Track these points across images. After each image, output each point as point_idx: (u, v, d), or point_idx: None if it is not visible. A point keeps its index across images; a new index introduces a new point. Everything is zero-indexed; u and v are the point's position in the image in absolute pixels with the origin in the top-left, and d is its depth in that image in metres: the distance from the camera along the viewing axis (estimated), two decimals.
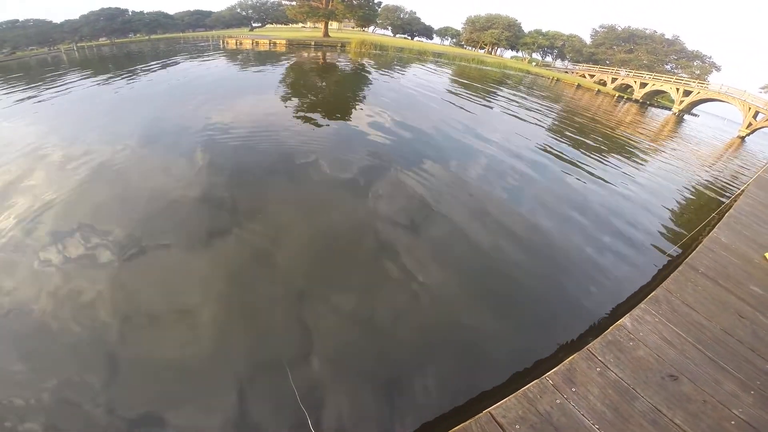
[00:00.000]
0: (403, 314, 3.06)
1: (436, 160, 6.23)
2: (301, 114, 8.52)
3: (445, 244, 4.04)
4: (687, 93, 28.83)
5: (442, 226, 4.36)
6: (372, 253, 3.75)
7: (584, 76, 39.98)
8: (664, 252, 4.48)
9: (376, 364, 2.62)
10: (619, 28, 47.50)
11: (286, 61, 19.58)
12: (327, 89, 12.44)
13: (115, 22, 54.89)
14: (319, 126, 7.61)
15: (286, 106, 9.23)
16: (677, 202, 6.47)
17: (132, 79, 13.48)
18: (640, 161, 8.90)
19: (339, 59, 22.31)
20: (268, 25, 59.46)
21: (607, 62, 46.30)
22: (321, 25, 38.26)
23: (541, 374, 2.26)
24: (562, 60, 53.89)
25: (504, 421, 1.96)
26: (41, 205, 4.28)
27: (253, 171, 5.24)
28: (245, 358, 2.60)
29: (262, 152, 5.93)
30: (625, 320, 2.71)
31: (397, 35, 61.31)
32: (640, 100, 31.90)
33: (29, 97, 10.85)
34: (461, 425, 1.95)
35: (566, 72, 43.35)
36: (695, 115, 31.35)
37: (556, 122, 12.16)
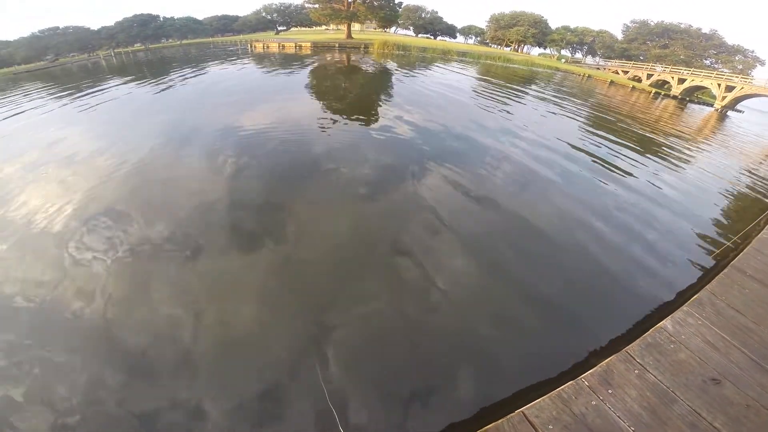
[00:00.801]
0: (435, 313, 3.07)
1: (463, 160, 6.20)
2: (328, 115, 8.68)
3: (475, 244, 4.01)
4: (729, 88, 27.10)
5: (473, 225, 4.34)
6: (401, 252, 3.77)
7: (617, 73, 38.32)
8: (708, 254, 4.27)
9: (408, 363, 2.64)
10: (652, 23, 45.39)
11: (311, 64, 19.97)
12: (352, 90, 12.58)
13: (148, 28, 57.66)
14: (346, 127, 7.74)
15: (313, 108, 9.43)
16: (722, 202, 6.12)
17: (167, 83, 14.20)
18: (681, 160, 8.47)
19: (362, 60, 22.52)
20: (292, 28, 60.79)
21: (641, 58, 44.36)
22: (344, 27, 38.74)
23: (577, 375, 2.24)
24: (593, 56, 52.01)
25: (537, 421, 1.96)
26: (83, 203, 4.62)
27: (281, 172, 5.40)
28: (274, 356, 2.65)
29: (290, 153, 6.10)
30: (666, 323, 2.63)
31: (419, 35, 61.04)
32: (679, 96, 30.32)
33: (74, 102, 11.65)
34: (493, 424, 1.97)
35: (598, 68, 41.72)
36: (740, 111, 29.35)
37: (589, 120, 11.75)
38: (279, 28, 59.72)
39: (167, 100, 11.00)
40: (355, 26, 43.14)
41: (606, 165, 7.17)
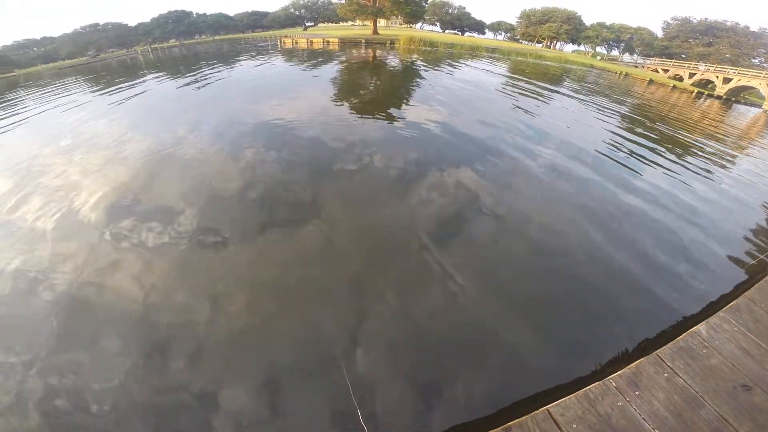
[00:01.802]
0: (463, 307, 3.10)
1: (490, 159, 6.16)
2: (355, 111, 8.80)
3: (503, 243, 4.03)
4: None
5: (499, 224, 4.35)
6: (428, 247, 3.82)
7: (657, 71, 36.36)
8: (747, 261, 4.09)
9: (433, 357, 2.68)
10: (695, 20, 42.76)
11: (339, 60, 20.16)
12: (379, 86, 12.66)
13: (182, 24, 59.81)
14: (374, 122, 7.84)
15: (340, 103, 9.58)
16: (764, 208, 5.80)
17: (201, 78, 14.76)
18: (722, 162, 8.04)
19: (389, 56, 22.52)
20: (320, 24, 61.41)
21: (683, 56, 41.98)
22: (370, 23, 38.80)
23: (605, 376, 2.25)
24: (630, 54, 49.66)
25: (561, 420, 1.99)
26: (122, 193, 4.90)
27: (310, 165, 5.56)
28: (297, 349, 2.71)
29: (319, 147, 6.26)
30: (700, 328, 2.59)
31: (446, 31, 60.19)
32: (724, 97, 28.49)
33: (114, 95, 12.37)
34: (517, 420, 2.01)
35: (636, 66, 39.76)
36: None
37: (626, 119, 11.28)
38: (307, 24, 60.48)
39: (202, 94, 11.44)
40: (381, 22, 43.00)
41: (644, 163, 6.94)
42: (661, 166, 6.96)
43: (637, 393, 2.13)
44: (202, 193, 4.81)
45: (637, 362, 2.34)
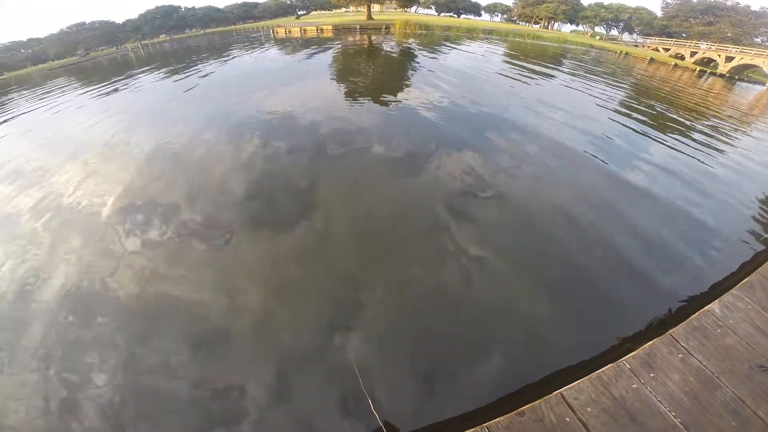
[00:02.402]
0: (471, 291, 3.07)
1: (492, 137, 6.07)
2: (353, 96, 8.66)
3: (510, 223, 3.98)
4: None
5: (506, 204, 4.30)
6: (435, 227, 3.79)
7: (657, 50, 35.90)
8: (759, 236, 4.03)
9: (443, 341, 2.66)
10: (694, 0, 41.98)
11: (334, 46, 19.81)
12: (376, 71, 12.43)
13: (170, 18, 58.73)
14: (372, 107, 7.72)
15: (338, 90, 9.43)
16: None
17: (195, 72, 14.52)
18: (727, 139, 7.90)
19: (384, 41, 22.08)
20: (313, 12, 60.22)
21: (683, 35, 41.32)
22: (363, 9, 38.00)
23: (618, 358, 2.21)
24: (630, 33, 48.77)
25: (575, 403, 1.96)
26: (123, 191, 4.88)
27: (311, 153, 5.49)
28: (305, 339, 2.70)
29: (317, 134, 6.16)
30: (714, 306, 2.54)
31: (442, 14, 58.91)
32: (727, 75, 28.19)
33: (110, 95, 12.20)
34: (530, 405, 1.98)
35: (636, 46, 39.14)
36: None
37: (628, 97, 11.08)
38: (299, 13, 59.38)
39: (197, 89, 11.25)
40: (375, 7, 42.21)
41: (649, 140, 6.84)
42: (666, 143, 6.85)
43: (651, 375, 2.10)
44: (206, 187, 4.75)
45: (650, 343, 2.30)
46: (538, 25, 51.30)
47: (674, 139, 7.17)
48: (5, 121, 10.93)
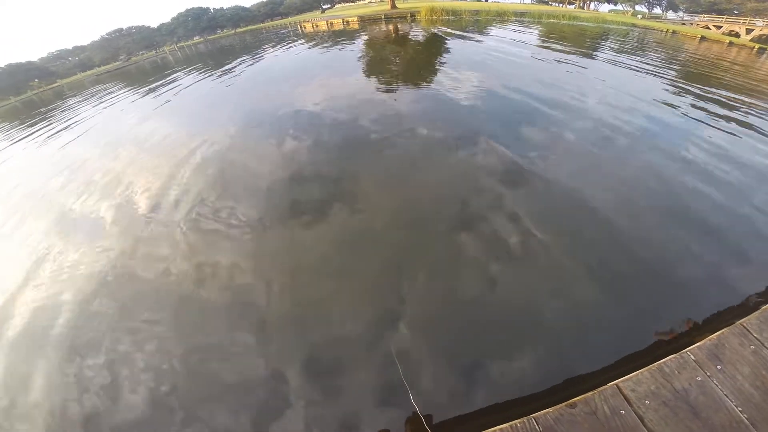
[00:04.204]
0: (516, 278, 3.01)
1: (533, 123, 5.84)
2: (386, 87, 8.65)
3: (558, 207, 3.84)
4: None
5: (556, 189, 4.13)
6: (476, 217, 3.73)
7: (708, 28, 33.05)
8: None
9: (489, 330, 2.62)
10: None
11: (361, 37, 19.82)
12: (406, 60, 12.28)
13: (201, 20, 60.91)
14: (404, 97, 7.66)
15: (370, 81, 9.45)
16: None
17: (232, 71, 15.10)
18: None
19: (411, 29, 21.70)
20: (337, 5, 60.21)
21: (735, 12, 37.52)
22: None
23: (681, 348, 2.10)
24: (674, 11, 44.98)
25: (632, 395, 1.89)
26: (175, 187, 5.21)
27: (347, 145, 5.60)
28: (347, 325, 2.74)
29: (354, 127, 6.24)
30: None
31: None
32: None
33: (158, 97, 12.97)
34: (583, 396, 1.93)
35: (683, 24, 36.15)
36: None
37: (680, 78, 10.21)
38: (324, 6, 59.60)
39: (235, 87, 11.71)
40: None
41: (709, 123, 6.28)
42: (729, 125, 6.28)
43: (719, 367, 1.99)
44: (259, 182, 4.95)
45: (718, 333, 2.16)
46: (573, 6, 48.38)
47: (733, 123, 6.57)
48: (68, 127, 11.94)
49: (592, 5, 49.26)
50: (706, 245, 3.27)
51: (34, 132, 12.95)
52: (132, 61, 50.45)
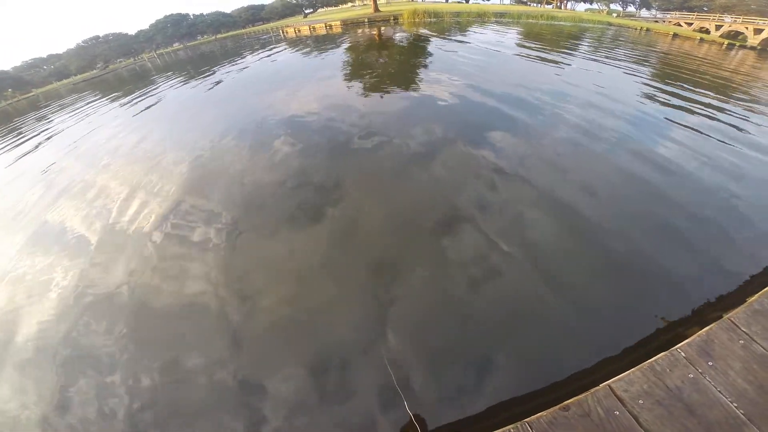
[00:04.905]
0: (505, 279, 2.96)
1: (514, 123, 5.86)
2: (369, 90, 8.58)
3: (543, 206, 3.81)
4: None
5: (539, 188, 4.11)
6: (460, 217, 3.69)
7: (680, 25, 34.34)
8: None
9: (477, 334, 2.57)
10: None
11: (344, 41, 19.72)
12: (389, 63, 12.28)
13: (181, 27, 60.01)
14: (388, 100, 7.62)
15: (353, 84, 9.37)
16: None
17: (212, 78, 14.87)
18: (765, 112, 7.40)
19: (395, 32, 21.78)
20: (319, 10, 60.19)
21: (704, 9, 39.24)
22: (370, 2, 37.68)
23: (670, 345, 2.08)
24: (648, 9, 46.59)
25: (625, 396, 1.86)
26: (155, 198, 5.07)
27: (330, 149, 5.49)
28: (338, 332, 2.69)
29: (337, 131, 6.15)
30: None
31: (450, 0, 57.65)
32: (758, 47, 26.60)
33: (137, 106, 12.64)
34: (575, 398, 1.89)
35: (656, 21, 37.44)
36: None
37: (655, 75, 10.41)
38: (306, 11, 59.43)
39: (216, 94, 11.49)
40: None
41: (687, 116, 6.46)
42: (705, 119, 6.42)
43: (710, 363, 1.96)
44: (239, 190, 4.83)
45: (707, 329, 2.15)
46: (550, 6, 49.54)
47: (705, 119, 6.74)
48: (42, 137, 11.51)
49: (569, 5, 50.51)
50: (687, 240, 3.28)
51: (6, 144, 12.46)
52: (109, 69, 49.29)
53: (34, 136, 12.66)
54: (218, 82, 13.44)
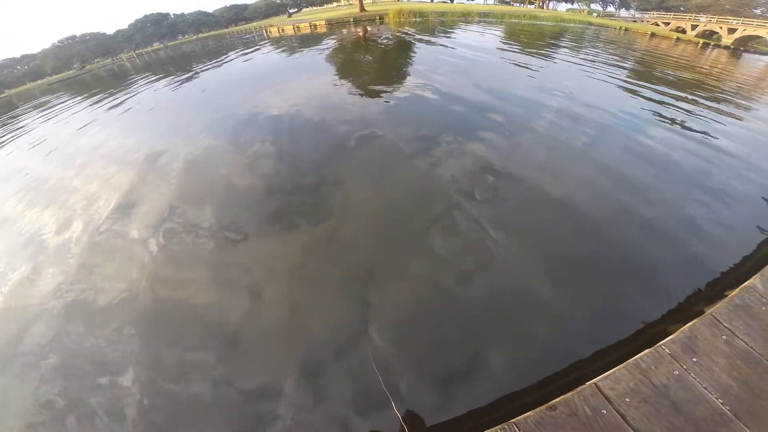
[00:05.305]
0: (490, 278, 2.93)
1: (499, 120, 5.87)
2: (354, 90, 8.49)
3: (527, 203, 3.82)
4: None
5: (521, 185, 4.12)
6: (445, 215, 3.66)
7: (657, 24, 35.40)
8: None
9: (462, 332, 2.54)
10: None
11: (329, 41, 19.56)
12: (375, 63, 12.21)
13: (161, 26, 58.63)
14: (374, 99, 7.54)
15: (338, 84, 9.25)
16: None
17: (193, 77, 14.54)
18: (741, 110, 7.59)
19: (380, 32, 21.75)
20: (304, 9, 59.69)
21: (681, 9, 40.68)
22: (356, 1, 37.59)
23: (655, 342, 2.05)
24: (627, 9, 47.92)
25: (612, 394, 1.83)
26: (138, 200, 4.91)
27: (315, 150, 5.39)
28: (323, 334, 2.64)
29: (322, 131, 6.05)
30: (755, 281, 2.35)
31: (435, 0, 58.04)
32: (732, 47, 27.62)
33: (116, 108, 12.17)
34: (561, 398, 1.85)
35: (635, 21, 38.52)
36: None
37: (633, 73, 10.67)
38: (291, 11, 58.84)
39: (197, 94, 11.22)
40: None
41: (664, 113, 6.56)
42: (676, 114, 6.57)
43: (694, 359, 1.94)
44: (221, 192, 4.70)
45: (690, 324, 2.14)
46: (533, 6, 50.41)
47: (683, 113, 6.87)
48: (18, 137, 11.01)
49: (551, 5, 51.52)
50: (667, 235, 3.30)
51: None
52: (86, 69, 47.79)
53: (7, 135, 12.16)
54: (199, 82, 13.14)
